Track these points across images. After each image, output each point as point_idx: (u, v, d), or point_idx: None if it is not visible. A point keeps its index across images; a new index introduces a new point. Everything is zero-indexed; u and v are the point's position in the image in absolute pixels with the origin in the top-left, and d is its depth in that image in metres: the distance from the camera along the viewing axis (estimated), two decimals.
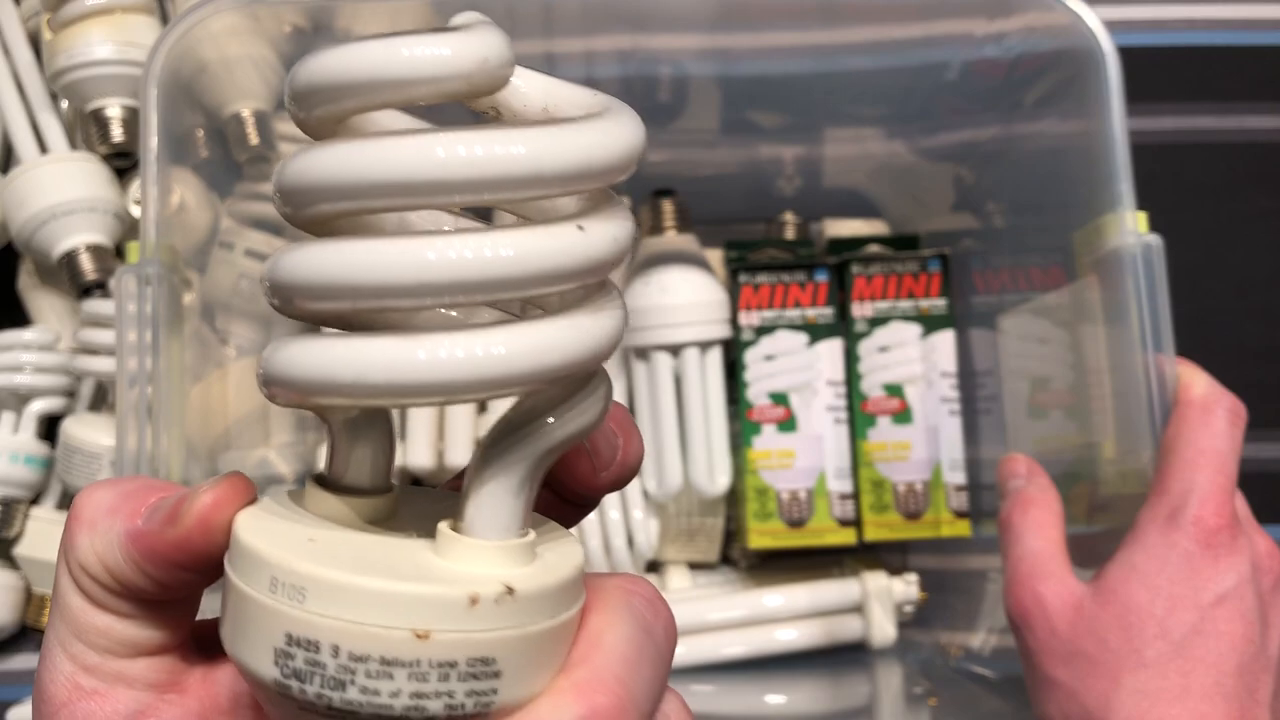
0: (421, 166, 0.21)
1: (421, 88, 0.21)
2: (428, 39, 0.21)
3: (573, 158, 0.21)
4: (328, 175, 0.21)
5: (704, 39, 0.65)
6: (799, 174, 0.74)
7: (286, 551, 0.22)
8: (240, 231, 0.68)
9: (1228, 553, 0.41)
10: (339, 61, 0.22)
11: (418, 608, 0.21)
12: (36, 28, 0.71)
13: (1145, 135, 0.80)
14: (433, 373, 0.21)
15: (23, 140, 0.70)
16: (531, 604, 0.22)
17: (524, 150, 0.21)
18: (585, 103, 0.24)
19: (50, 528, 0.70)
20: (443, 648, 0.21)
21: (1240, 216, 0.79)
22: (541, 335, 0.21)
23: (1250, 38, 0.82)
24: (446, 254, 0.21)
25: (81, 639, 0.25)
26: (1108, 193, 0.49)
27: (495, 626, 0.22)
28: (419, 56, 0.21)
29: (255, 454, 0.68)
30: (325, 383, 0.21)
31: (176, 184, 0.65)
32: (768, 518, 0.64)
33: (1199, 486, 0.42)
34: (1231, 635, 0.40)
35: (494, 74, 0.22)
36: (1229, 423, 0.44)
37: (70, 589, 0.25)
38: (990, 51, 0.60)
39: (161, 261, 0.50)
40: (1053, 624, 0.43)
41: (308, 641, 0.21)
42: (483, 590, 0.22)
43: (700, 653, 0.66)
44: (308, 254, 0.22)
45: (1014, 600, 0.45)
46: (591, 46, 0.66)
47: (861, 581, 0.67)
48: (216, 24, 0.54)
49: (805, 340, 0.65)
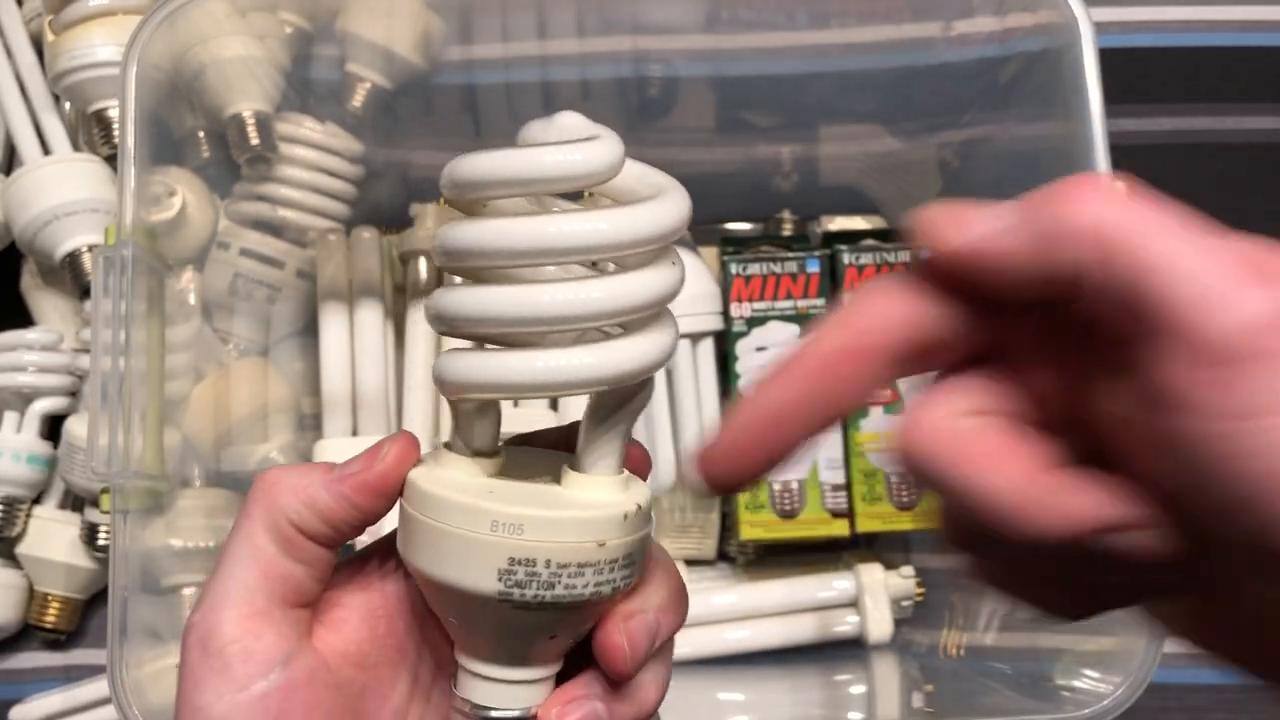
0: (543, 238, 0.30)
1: (557, 186, 0.30)
2: (566, 150, 0.30)
3: (641, 231, 0.30)
4: (484, 243, 0.30)
5: (699, 40, 0.66)
6: (796, 171, 0.75)
7: (490, 501, 0.31)
8: (237, 231, 0.69)
9: None
10: (495, 164, 0.30)
11: (596, 526, 0.31)
12: (39, 29, 0.72)
13: (1142, 136, 0.80)
14: (547, 375, 0.30)
15: (25, 141, 0.71)
16: (647, 517, 0.33)
17: (607, 226, 0.30)
18: (656, 182, 0.32)
19: (52, 526, 0.71)
20: (612, 550, 0.31)
21: (1238, 217, 0.79)
22: (624, 349, 0.31)
23: (1247, 39, 0.82)
24: (576, 293, 0.30)
25: (263, 586, 0.32)
26: (1084, 167, 0.49)
27: (636, 532, 0.32)
28: (561, 162, 0.30)
29: (257, 452, 0.69)
30: (477, 383, 0.31)
31: (178, 184, 0.66)
32: (759, 509, 0.64)
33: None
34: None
35: (611, 175, 0.31)
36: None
37: (267, 540, 0.32)
38: (980, 48, 0.60)
39: (137, 244, 0.50)
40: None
41: (528, 560, 0.30)
42: (628, 509, 0.32)
43: (697, 646, 0.66)
44: (470, 294, 0.31)
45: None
46: (588, 48, 0.67)
47: (856, 575, 0.67)
48: (206, 22, 0.55)
49: (797, 331, 0.65)
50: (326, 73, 0.68)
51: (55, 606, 0.71)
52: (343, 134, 0.70)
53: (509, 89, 0.69)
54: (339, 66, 0.68)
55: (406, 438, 0.33)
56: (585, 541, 0.31)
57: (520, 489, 0.33)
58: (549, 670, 0.33)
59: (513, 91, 0.69)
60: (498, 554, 0.30)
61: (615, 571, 0.31)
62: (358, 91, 0.68)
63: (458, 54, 0.68)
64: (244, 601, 0.32)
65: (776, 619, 0.67)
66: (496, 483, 0.33)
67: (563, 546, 0.31)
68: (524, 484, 0.33)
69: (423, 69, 0.68)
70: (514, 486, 0.33)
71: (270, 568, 0.32)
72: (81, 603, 0.72)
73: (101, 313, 0.46)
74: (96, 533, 0.69)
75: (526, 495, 0.32)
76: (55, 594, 0.71)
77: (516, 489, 0.33)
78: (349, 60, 0.68)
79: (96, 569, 0.71)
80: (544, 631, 0.32)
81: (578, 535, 0.31)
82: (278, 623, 0.32)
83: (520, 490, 0.32)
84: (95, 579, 0.71)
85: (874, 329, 0.27)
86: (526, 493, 0.32)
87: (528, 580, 0.30)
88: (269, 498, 0.33)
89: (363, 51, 0.67)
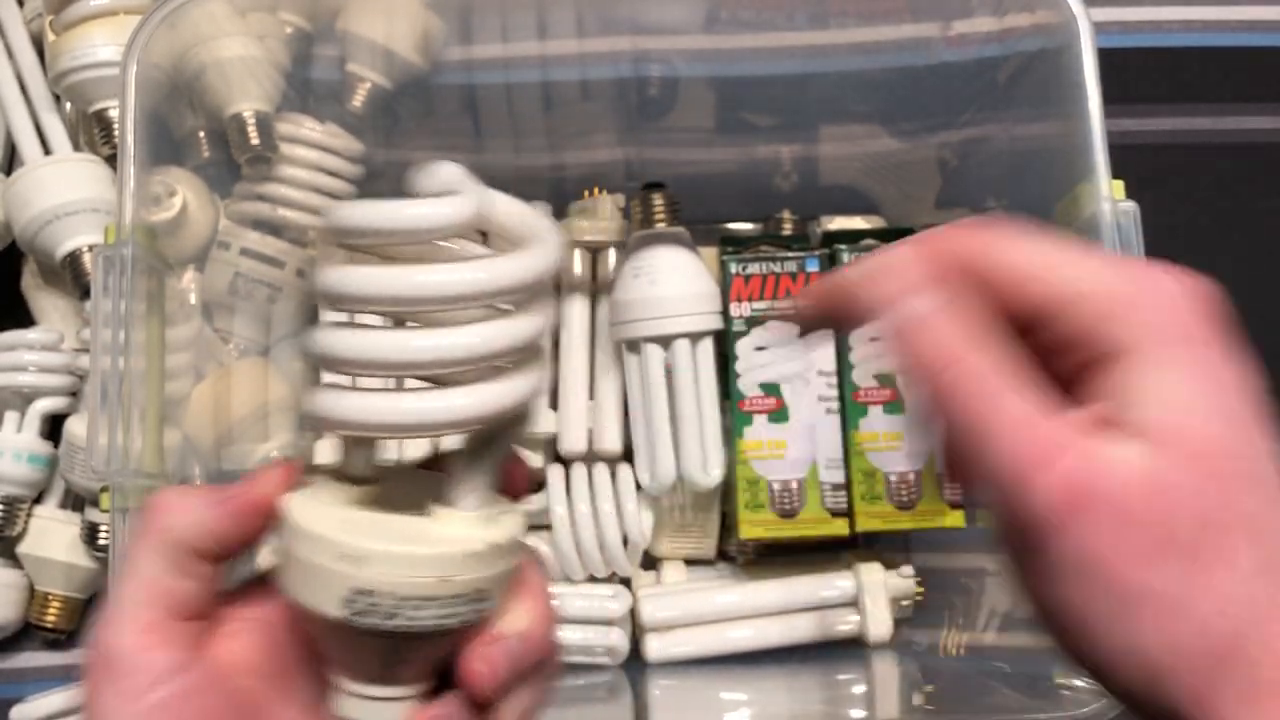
0: (416, 288, 0.32)
1: (416, 237, 0.33)
2: (423, 205, 0.32)
3: (514, 279, 0.33)
4: (349, 288, 0.33)
5: (699, 40, 0.66)
6: (795, 171, 0.75)
7: (341, 533, 0.32)
8: (237, 231, 0.69)
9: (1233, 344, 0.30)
10: (363, 215, 0.33)
11: (440, 563, 0.32)
12: (40, 29, 0.72)
13: (1140, 136, 0.80)
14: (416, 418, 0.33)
15: (26, 141, 0.71)
16: (509, 550, 0.34)
17: (485, 275, 0.32)
18: (534, 228, 0.34)
19: (53, 526, 0.71)
20: (459, 585, 0.33)
21: (1235, 216, 0.79)
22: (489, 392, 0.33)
23: (1245, 39, 0.82)
24: (443, 339, 0.32)
25: (155, 601, 0.34)
26: (1083, 162, 0.49)
27: (490, 567, 0.33)
28: (417, 216, 0.32)
29: (258, 451, 0.69)
30: (341, 421, 0.33)
31: (179, 184, 0.66)
32: (759, 508, 0.64)
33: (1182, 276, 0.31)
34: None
35: (466, 228, 0.33)
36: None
37: (154, 560, 0.34)
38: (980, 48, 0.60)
39: (137, 242, 0.50)
40: (1128, 503, 0.28)
41: (369, 592, 0.32)
42: (476, 548, 0.33)
43: (698, 646, 0.66)
44: (338, 334, 0.33)
45: (1042, 488, 0.28)
46: (587, 48, 0.67)
47: (856, 574, 0.67)
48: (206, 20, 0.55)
49: (796, 330, 0.65)
50: (327, 73, 0.69)
51: (56, 606, 0.71)
52: (343, 134, 0.71)
53: (509, 89, 0.69)
54: (339, 66, 0.68)
55: (287, 467, 0.36)
56: (426, 577, 0.32)
57: (380, 521, 0.34)
58: (413, 689, 0.35)
59: (513, 91, 0.70)
60: (341, 584, 0.32)
61: (462, 605, 0.33)
62: (358, 91, 0.68)
63: (458, 54, 0.68)
64: (136, 617, 0.34)
65: (776, 618, 0.67)
66: (360, 514, 0.35)
67: (405, 582, 0.32)
68: (387, 515, 0.35)
69: (423, 69, 0.68)
70: (375, 518, 0.34)
71: (159, 584, 0.34)
72: (82, 602, 0.72)
73: (101, 312, 0.47)
74: (97, 532, 0.69)
75: (382, 528, 0.34)
76: (56, 593, 0.71)
77: (376, 521, 0.34)
78: (349, 60, 0.68)
79: (97, 568, 0.71)
80: (395, 654, 0.34)
81: (422, 570, 0.32)
82: (170, 635, 0.34)
83: (379, 522, 0.34)
84: (96, 578, 0.71)
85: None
86: (384, 525, 0.34)
87: (369, 609, 0.32)
88: (159, 518, 0.35)
89: (363, 51, 0.67)
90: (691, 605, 0.67)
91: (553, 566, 0.67)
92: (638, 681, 0.65)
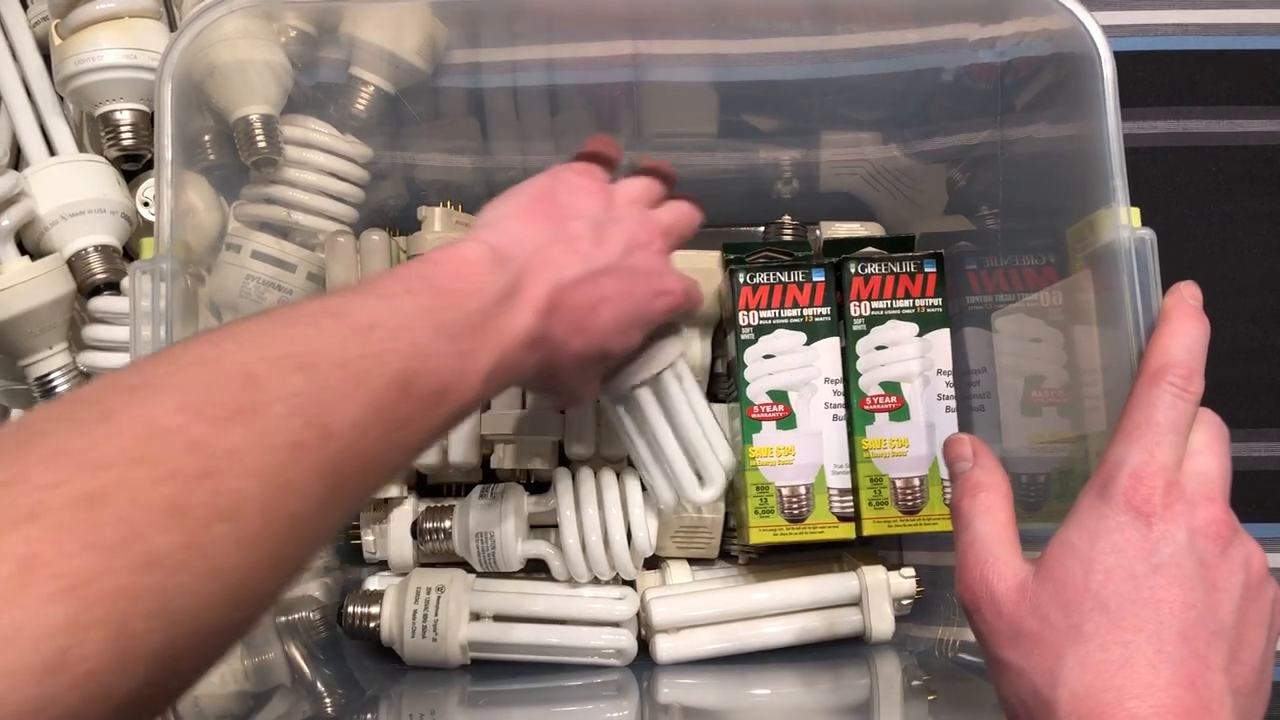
0: None
1: None
2: None
3: None
4: None
5: (702, 44, 0.66)
6: (796, 177, 0.75)
7: None
8: (248, 234, 0.69)
9: (1161, 521, 0.41)
10: None
11: None
12: (45, 33, 0.72)
13: (1138, 138, 0.81)
14: None
15: (32, 143, 0.71)
16: None
17: None
18: None
19: None
20: None
21: (1232, 218, 0.80)
22: None
23: (1242, 42, 0.83)
24: None
25: None
26: (1102, 188, 0.50)
27: None
28: None
29: None
30: None
31: (186, 186, 0.66)
32: (768, 513, 0.64)
33: (1130, 458, 0.42)
34: (1170, 602, 0.40)
35: None
36: (1173, 394, 0.43)
37: None
38: (985, 56, 0.61)
39: (175, 257, 0.50)
40: (999, 606, 0.43)
41: None
42: None
43: (700, 646, 0.67)
44: None
45: (963, 585, 0.45)
46: (591, 52, 0.67)
47: (860, 576, 0.68)
48: (228, 25, 0.55)
49: (803, 339, 0.66)
50: (332, 76, 0.69)
51: None
52: (350, 137, 0.71)
53: (515, 93, 0.69)
54: (344, 70, 0.68)
55: None
56: None
57: None
58: None
59: (519, 95, 0.70)
60: None
61: None
62: (362, 95, 0.69)
63: (462, 58, 0.68)
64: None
65: (780, 618, 0.68)
66: None
67: None
68: None
69: (426, 73, 0.68)
70: None
71: None
72: None
73: (140, 331, 0.47)
74: None
75: None
76: None
77: None
78: (354, 64, 0.68)
79: None
80: None
81: None
82: None
83: None
84: None
85: None
86: None
87: None
88: None
89: (367, 56, 0.67)
90: (701, 607, 0.67)
91: (558, 569, 0.68)
92: (646, 681, 0.66)
